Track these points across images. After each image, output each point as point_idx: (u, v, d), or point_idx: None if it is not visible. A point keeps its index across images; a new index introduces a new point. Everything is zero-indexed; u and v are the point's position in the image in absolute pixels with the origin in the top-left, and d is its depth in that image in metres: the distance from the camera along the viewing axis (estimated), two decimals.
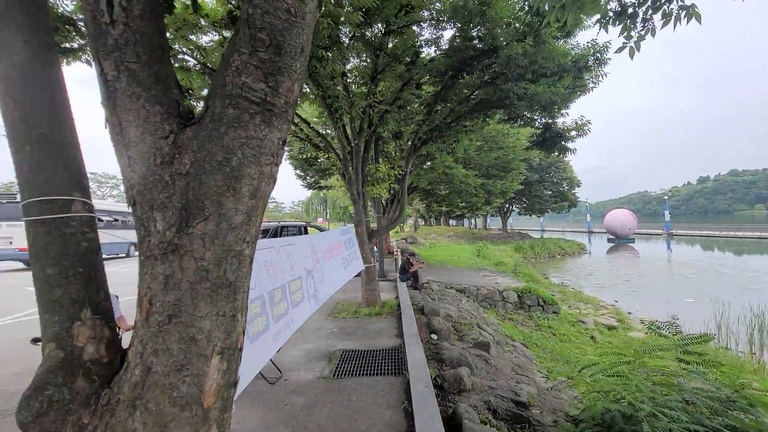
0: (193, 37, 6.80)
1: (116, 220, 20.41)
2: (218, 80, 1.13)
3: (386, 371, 4.59)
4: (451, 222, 62.06)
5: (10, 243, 15.08)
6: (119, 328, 4.05)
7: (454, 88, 7.98)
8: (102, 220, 19.30)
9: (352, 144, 7.45)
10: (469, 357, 5.37)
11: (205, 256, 1.10)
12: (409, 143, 10.41)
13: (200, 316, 1.09)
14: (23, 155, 1.17)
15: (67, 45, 5.29)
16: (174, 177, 1.10)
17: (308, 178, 17.76)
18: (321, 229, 13.90)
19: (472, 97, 8.18)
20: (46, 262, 1.16)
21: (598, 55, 6.56)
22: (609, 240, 44.66)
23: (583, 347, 10.06)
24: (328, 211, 48.02)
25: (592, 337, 11.02)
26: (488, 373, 5.40)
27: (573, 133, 7.10)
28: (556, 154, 7.54)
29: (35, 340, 3.77)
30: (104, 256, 13.89)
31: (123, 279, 12.72)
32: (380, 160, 9.39)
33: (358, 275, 7.35)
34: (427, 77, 8.17)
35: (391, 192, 9.61)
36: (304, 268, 4.39)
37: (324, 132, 9.26)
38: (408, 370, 4.40)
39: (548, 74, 6.81)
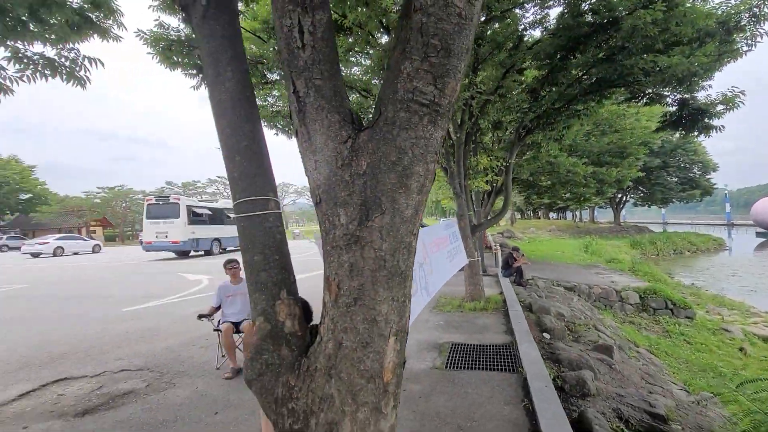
0: None
1: None
2: (389, 87, 1.24)
3: (499, 367, 4.50)
4: (552, 215, 57.55)
5: (166, 236, 18.35)
6: None
7: (564, 70, 7.36)
8: (230, 217, 22.30)
9: (453, 138, 7.39)
10: (590, 360, 4.97)
11: (382, 247, 1.23)
12: (508, 132, 9.90)
13: (379, 300, 1.23)
14: (234, 164, 1.44)
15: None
16: (353, 177, 1.25)
17: None
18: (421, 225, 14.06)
19: (585, 77, 7.45)
20: (254, 251, 1.41)
21: (757, 10, 5.40)
22: (759, 234, 36.85)
23: (729, 360, 8.53)
24: None
25: (741, 349, 9.28)
26: (613, 379, 4.93)
27: (720, 107, 5.98)
28: (696, 134, 6.45)
29: (201, 316, 4.58)
30: (230, 248, 16.01)
31: None
32: (478, 152, 9.13)
33: (461, 269, 7.30)
34: (530, 61, 7.68)
35: (491, 185, 9.29)
36: (416, 260, 4.53)
37: None
38: (523, 368, 4.26)
39: (684, 41, 5.86)
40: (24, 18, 3.53)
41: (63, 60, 3.60)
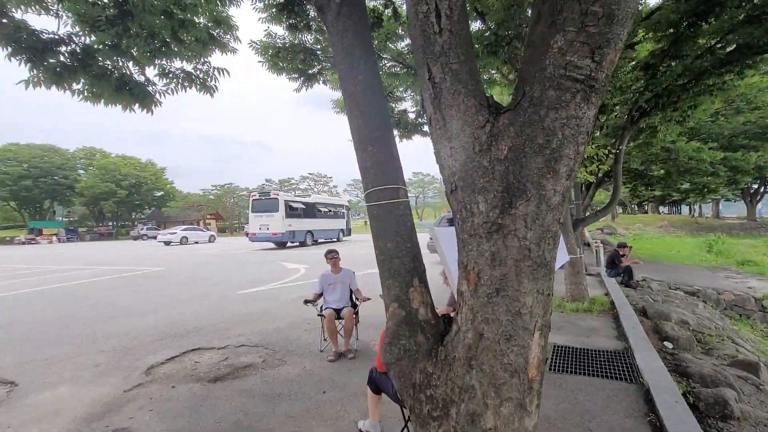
0: (391, 45, 7.52)
1: (330, 210, 24.79)
2: (534, 65, 1.16)
3: (610, 375, 4.08)
4: (662, 209, 50.45)
5: (268, 228, 20.23)
6: (357, 298, 4.83)
7: (690, 40, 6.31)
8: (321, 211, 23.76)
9: None
10: (729, 377, 4.23)
11: (527, 236, 1.16)
12: (614, 115, 8.83)
13: (524, 292, 1.17)
14: (366, 154, 1.49)
15: (311, 71, 6.64)
16: (493, 162, 1.20)
17: None
18: None
19: (719, 46, 6.30)
20: (386, 238, 1.45)
21: None
22: None
23: None
24: None
25: None
26: (762, 402, 4.14)
27: None
28: None
29: (306, 302, 4.94)
30: (321, 240, 17.06)
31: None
32: None
33: (560, 267, 6.78)
34: (645, 34, 6.74)
35: (594, 175, 8.42)
36: None
37: None
38: (644, 378, 3.80)
39: None
40: (167, 39, 4.13)
41: (198, 72, 4.15)
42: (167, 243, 28.51)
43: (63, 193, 50.29)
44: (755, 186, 32.63)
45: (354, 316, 4.80)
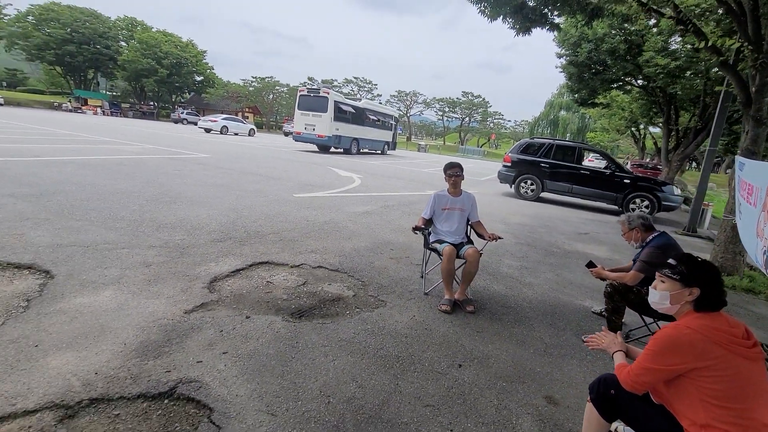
0: None
1: (378, 120, 22.76)
2: None
3: None
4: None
5: (314, 129, 18.75)
6: (479, 234, 3.44)
7: None
8: (370, 118, 21.82)
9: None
10: None
11: None
12: None
13: None
14: None
15: None
16: None
17: (581, 92, 14.67)
18: (617, 164, 11.40)
19: None
20: None
21: None
22: None
23: None
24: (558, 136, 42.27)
25: None
26: None
27: None
28: None
29: (416, 230, 3.67)
30: (365, 150, 15.36)
31: (388, 175, 14.01)
32: None
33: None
34: None
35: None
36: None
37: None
38: None
39: None
40: None
41: None
42: (207, 130, 27.72)
43: (105, 64, 49.42)
44: None
45: (480, 257, 3.53)
